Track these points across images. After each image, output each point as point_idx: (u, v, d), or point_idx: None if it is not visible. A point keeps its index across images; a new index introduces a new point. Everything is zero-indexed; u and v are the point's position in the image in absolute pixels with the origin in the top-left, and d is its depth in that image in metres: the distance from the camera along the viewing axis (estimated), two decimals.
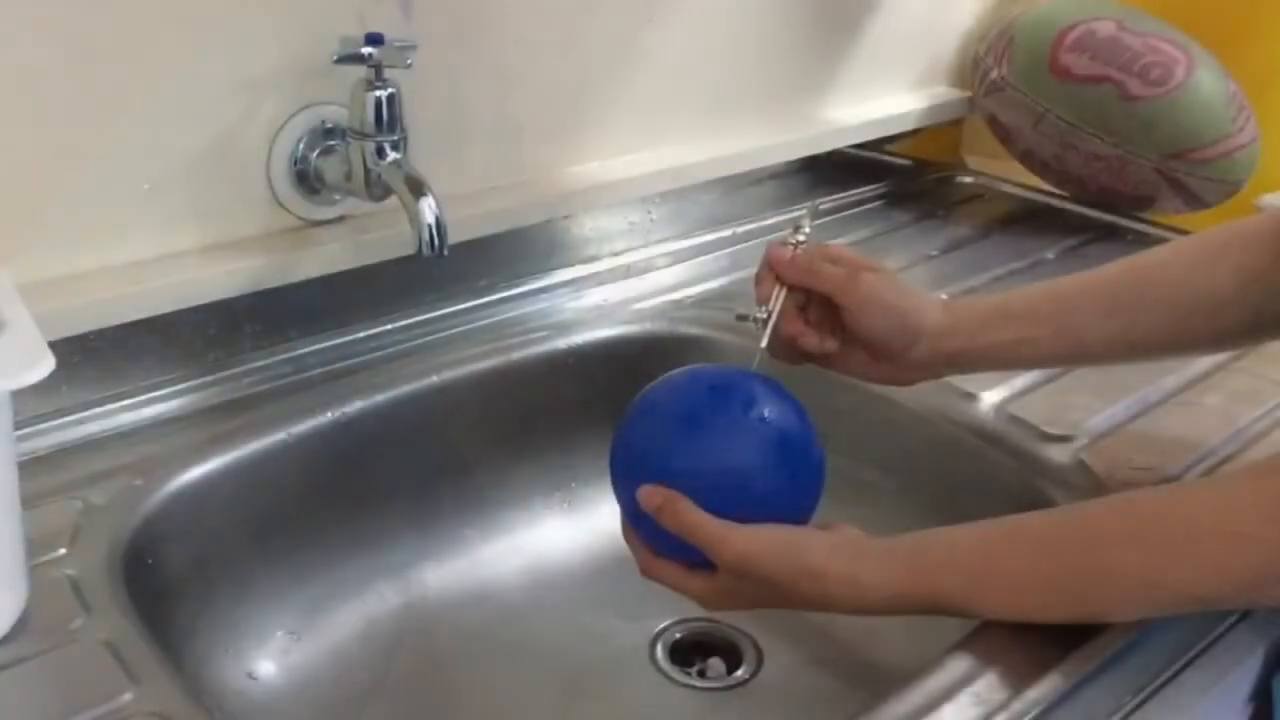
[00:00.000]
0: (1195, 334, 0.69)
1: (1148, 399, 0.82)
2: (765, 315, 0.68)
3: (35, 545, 0.61)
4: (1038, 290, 0.71)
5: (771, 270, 0.69)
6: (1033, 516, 0.61)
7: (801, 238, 0.69)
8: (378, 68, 0.75)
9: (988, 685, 0.55)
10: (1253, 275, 0.66)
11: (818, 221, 0.80)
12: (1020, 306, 0.70)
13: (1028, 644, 0.57)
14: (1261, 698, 0.66)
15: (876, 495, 0.84)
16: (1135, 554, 0.56)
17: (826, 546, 0.59)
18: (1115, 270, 0.71)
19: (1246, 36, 1.20)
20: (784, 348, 0.69)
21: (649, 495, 0.61)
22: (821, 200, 0.73)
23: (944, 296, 0.96)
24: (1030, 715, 0.54)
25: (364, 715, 0.74)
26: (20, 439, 0.70)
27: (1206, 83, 1.10)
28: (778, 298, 0.68)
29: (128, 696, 0.53)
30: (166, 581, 0.68)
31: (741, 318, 0.69)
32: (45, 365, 0.52)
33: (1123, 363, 0.74)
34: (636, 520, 0.63)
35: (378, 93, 0.75)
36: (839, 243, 1.08)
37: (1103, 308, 0.69)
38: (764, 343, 0.67)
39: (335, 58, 0.75)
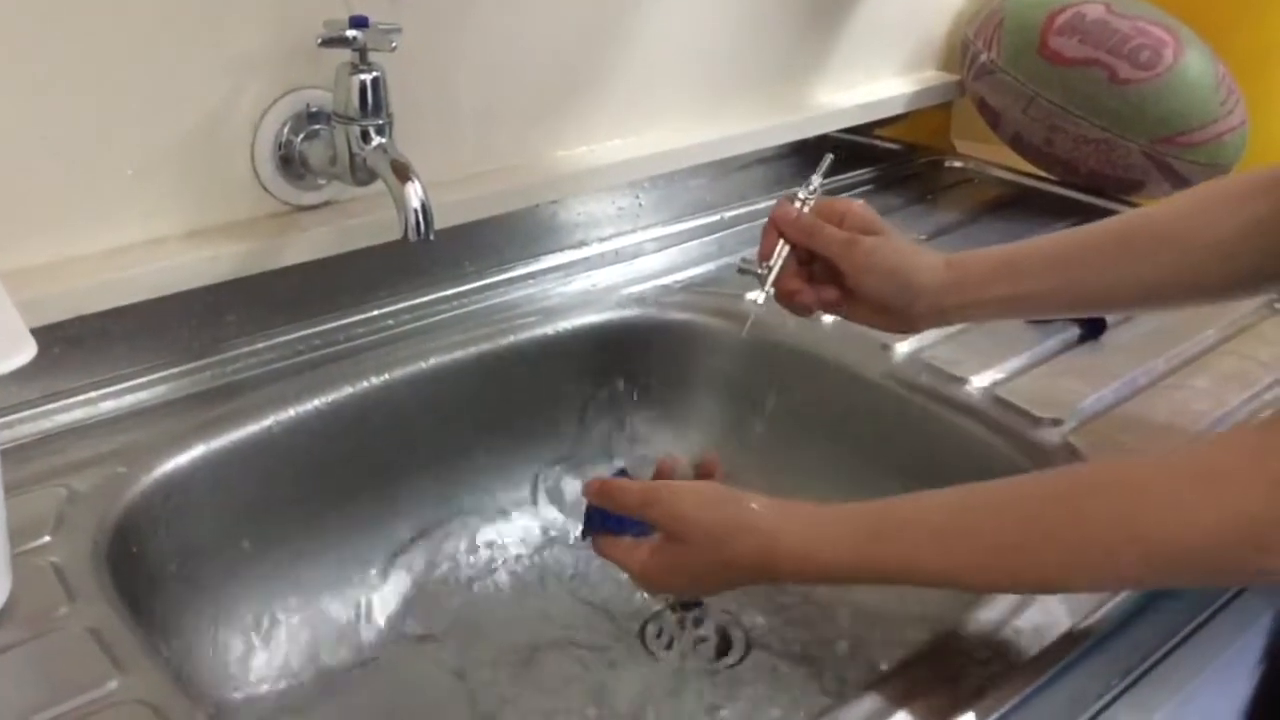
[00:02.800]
0: (1205, 281, 0.69)
1: (1136, 382, 0.81)
2: (765, 271, 0.70)
3: (18, 533, 0.60)
4: (1043, 243, 0.72)
5: (775, 227, 0.70)
6: (1009, 479, 0.57)
7: (809, 193, 0.71)
8: (362, 51, 0.74)
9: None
10: (1263, 222, 0.66)
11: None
12: (1025, 260, 0.71)
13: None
14: (1271, 661, 0.66)
15: (861, 478, 0.83)
16: (1117, 503, 0.52)
17: (763, 505, 0.58)
18: (1123, 220, 0.72)
19: (1235, 20, 1.20)
20: (785, 301, 0.71)
21: (589, 484, 0.64)
22: (835, 155, 0.74)
23: None
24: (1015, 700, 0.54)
25: (351, 703, 0.74)
26: (2, 426, 0.70)
27: (1195, 66, 1.10)
28: (779, 254, 0.70)
29: (112, 684, 0.53)
30: (151, 569, 0.68)
31: (743, 271, 0.71)
32: (27, 352, 0.52)
33: (1129, 310, 0.74)
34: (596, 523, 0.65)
35: (362, 76, 0.75)
36: None
37: (1112, 256, 0.70)
38: (761, 299, 0.69)
39: (320, 41, 0.74)
